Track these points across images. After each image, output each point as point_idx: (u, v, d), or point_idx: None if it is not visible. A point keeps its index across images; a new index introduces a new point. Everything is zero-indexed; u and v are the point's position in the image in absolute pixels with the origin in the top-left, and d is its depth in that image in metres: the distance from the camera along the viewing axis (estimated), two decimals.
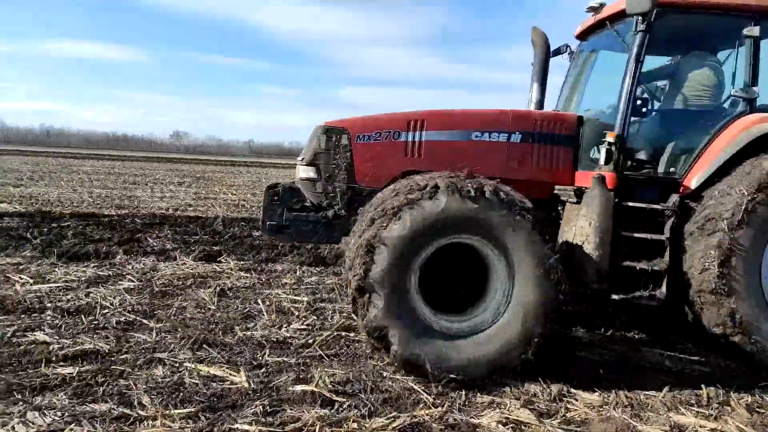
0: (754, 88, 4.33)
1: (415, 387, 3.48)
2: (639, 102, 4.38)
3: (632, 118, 4.40)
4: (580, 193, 4.36)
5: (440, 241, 3.58)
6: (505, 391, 3.56)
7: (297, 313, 5.00)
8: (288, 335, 4.44)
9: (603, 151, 4.25)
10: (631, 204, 4.26)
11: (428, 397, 3.38)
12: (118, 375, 3.48)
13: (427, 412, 3.21)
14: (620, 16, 4.48)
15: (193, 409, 3.07)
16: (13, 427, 2.77)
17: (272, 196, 4.51)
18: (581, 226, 4.09)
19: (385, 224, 3.50)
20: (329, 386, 3.43)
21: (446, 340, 3.59)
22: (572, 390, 3.62)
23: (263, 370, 3.70)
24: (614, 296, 4.16)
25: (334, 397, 3.30)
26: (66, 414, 2.94)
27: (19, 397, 3.11)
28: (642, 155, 4.55)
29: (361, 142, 4.40)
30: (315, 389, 3.37)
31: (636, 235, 4.15)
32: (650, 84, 5.01)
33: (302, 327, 4.64)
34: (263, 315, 4.92)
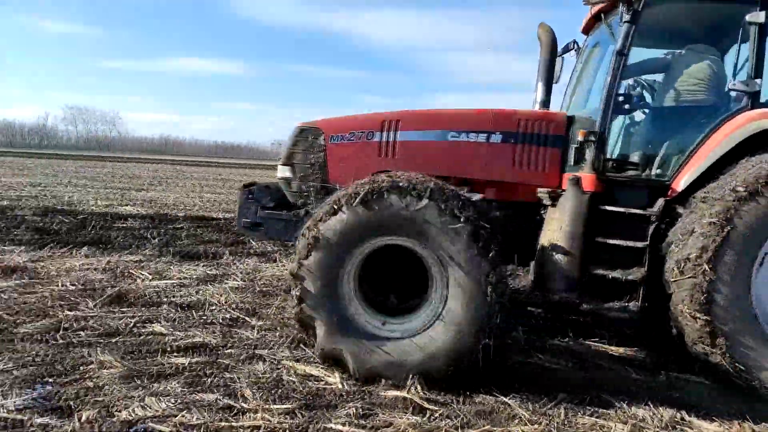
0: (756, 81, 3.82)
1: (510, 401, 3.37)
2: (622, 98, 4.08)
3: (619, 116, 4.13)
4: (557, 196, 4.06)
5: (371, 242, 3.51)
6: (610, 414, 3.33)
7: None
8: None
9: (572, 150, 4.03)
10: (609, 208, 3.93)
11: (524, 413, 3.25)
12: (224, 368, 3.70)
13: (522, 428, 3.09)
14: (612, 7, 4.21)
15: (291, 406, 3.19)
16: (134, 410, 3.03)
17: (247, 194, 4.52)
18: (553, 231, 3.86)
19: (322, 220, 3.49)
20: (422, 393, 3.40)
21: (375, 341, 3.54)
22: (686, 417, 3.33)
23: None
24: (584, 306, 3.83)
25: (426, 405, 3.27)
26: (179, 401, 3.17)
27: (139, 382, 3.40)
28: (627, 156, 4.23)
29: (334, 142, 4.37)
30: (407, 395, 3.36)
31: (611, 241, 3.83)
32: (648, 78, 4.63)
33: None
34: None
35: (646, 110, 4.57)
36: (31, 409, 2.99)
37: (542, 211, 4.38)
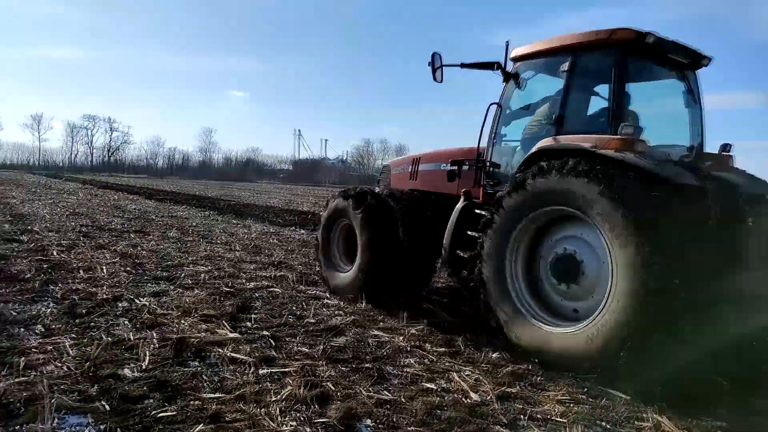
0: (552, 116, 4.96)
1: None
2: (494, 135, 5.57)
3: (502, 146, 5.61)
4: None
5: (339, 221, 6.61)
6: None
7: None
8: None
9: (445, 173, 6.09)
10: (477, 211, 5.29)
11: None
12: None
13: None
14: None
15: None
16: None
17: None
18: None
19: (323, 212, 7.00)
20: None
21: (338, 273, 6.57)
22: None
23: None
24: (451, 276, 6.18)
25: None
26: None
27: None
28: (495, 177, 5.57)
29: (394, 172, 7.46)
30: None
31: (469, 232, 5.21)
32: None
33: None
34: None
35: (512, 142, 5.67)
36: None
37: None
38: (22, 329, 4.34)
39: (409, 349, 4.57)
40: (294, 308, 5.68)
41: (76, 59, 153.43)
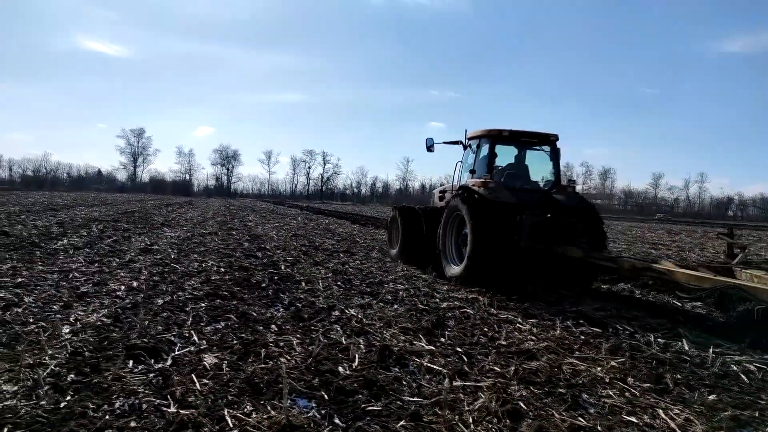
0: (470, 169, 10.17)
1: None
2: (459, 178, 10.71)
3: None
4: None
5: (396, 223, 11.82)
6: None
7: None
8: None
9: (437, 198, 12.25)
10: None
11: None
12: None
13: None
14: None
15: None
16: None
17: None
18: None
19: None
20: None
21: (392, 250, 12.11)
22: None
23: None
24: (440, 253, 9.85)
25: None
26: None
27: None
28: None
29: (436, 196, 12.26)
30: None
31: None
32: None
33: None
34: None
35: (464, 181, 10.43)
36: None
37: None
38: (261, 327, 5.27)
39: (608, 380, 4.35)
40: (486, 330, 5.80)
41: (299, 101, 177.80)
